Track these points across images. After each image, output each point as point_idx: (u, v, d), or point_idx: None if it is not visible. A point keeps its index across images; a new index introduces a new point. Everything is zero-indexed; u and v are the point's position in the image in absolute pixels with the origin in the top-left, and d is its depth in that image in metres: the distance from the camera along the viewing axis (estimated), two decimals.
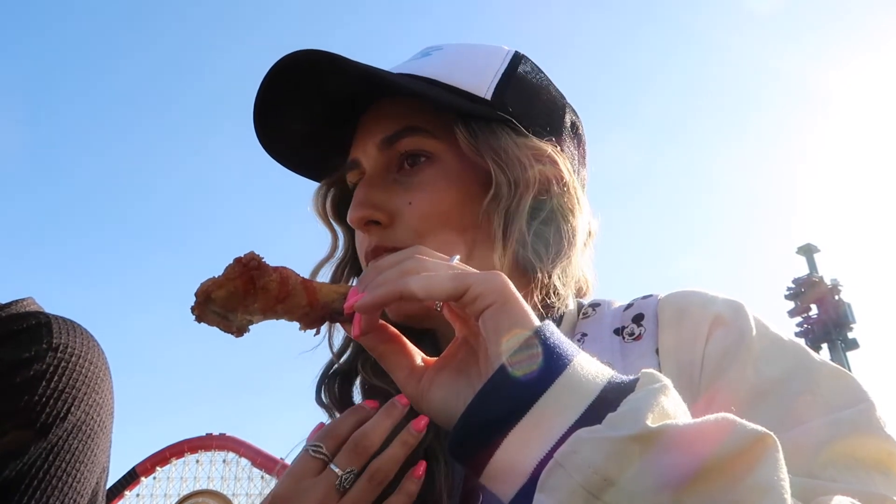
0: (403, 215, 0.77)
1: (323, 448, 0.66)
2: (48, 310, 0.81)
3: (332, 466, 0.65)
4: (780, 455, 0.45)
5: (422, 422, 0.66)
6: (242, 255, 0.61)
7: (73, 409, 0.73)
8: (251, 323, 0.63)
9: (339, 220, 0.90)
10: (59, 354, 0.74)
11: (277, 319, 0.64)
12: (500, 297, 0.54)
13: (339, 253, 0.89)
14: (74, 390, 0.74)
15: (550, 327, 0.53)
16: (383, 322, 0.62)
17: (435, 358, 0.62)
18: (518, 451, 0.49)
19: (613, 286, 0.89)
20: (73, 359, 0.75)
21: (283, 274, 0.62)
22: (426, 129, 0.79)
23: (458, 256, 0.63)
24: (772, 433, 0.45)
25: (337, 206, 0.90)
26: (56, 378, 0.72)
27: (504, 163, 0.77)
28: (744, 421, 0.45)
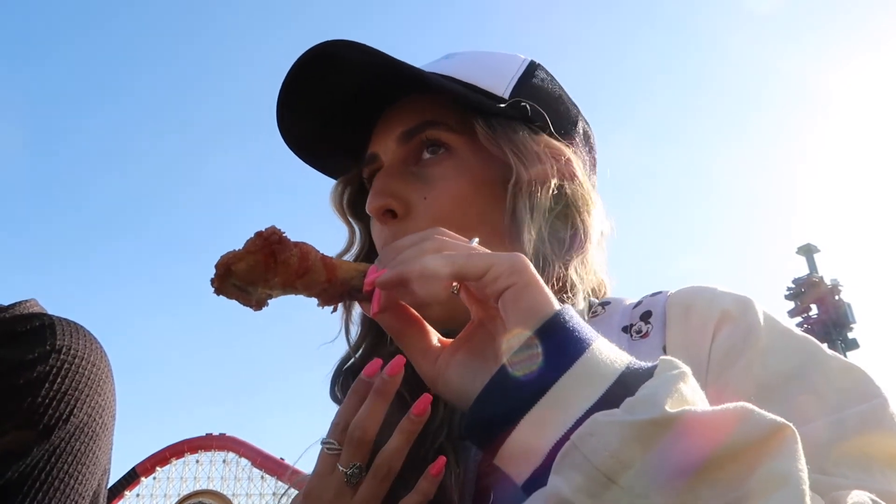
0: (419, 209, 0.77)
1: (335, 444, 0.65)
2: (51, 311, 0.81)
3: (338, 465, 0.64)
4: (800, 447, 0.44)
5: (421, 405, 0.63)
6: (263, 229, 0.60)
7: (75, 410, 0.73)
8: (270, 297, 0.62)
9: (356, 217, 0.90)
10: (62, 356, 0.74)
11: (296, 294, 0.63)
12: (522, 279, 0.54)
13: (356, 248, 0.89)
14: (77, 392, 0.74)
15: (570, 311, 0.53)
16: (401, 302, 0.61)
17: (451, 340, 0.61)
18: (534, 432, 0.49)
19: (612, 286, 0.89)
20: (76, 360, 0.75)
21: (304, 249, 0.61)
22: (446, 122, 0.80)
23: (477, 239, 0.62)
24: (791, 424, 0.44)
25: (354, 203, 0.90)
26: (59, 380, 0.72)
27: (523, 155, 0.78)
28: (762, 411, 0.45)
